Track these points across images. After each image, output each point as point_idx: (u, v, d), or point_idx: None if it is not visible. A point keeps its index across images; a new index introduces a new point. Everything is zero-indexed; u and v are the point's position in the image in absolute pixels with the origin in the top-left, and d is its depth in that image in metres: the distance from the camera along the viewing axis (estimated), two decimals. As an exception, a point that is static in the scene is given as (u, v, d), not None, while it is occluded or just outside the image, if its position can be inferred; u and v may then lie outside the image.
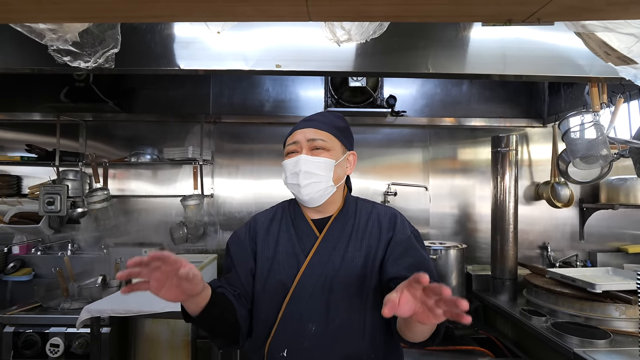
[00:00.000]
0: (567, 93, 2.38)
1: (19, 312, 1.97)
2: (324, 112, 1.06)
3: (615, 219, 2.55)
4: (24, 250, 2.57)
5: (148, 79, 2.62)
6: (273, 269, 0.97)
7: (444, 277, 2.04)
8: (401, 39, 1.38)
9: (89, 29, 0.98)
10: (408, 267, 0.91)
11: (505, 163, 2.14)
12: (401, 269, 0.91)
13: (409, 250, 0.95)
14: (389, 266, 0.94)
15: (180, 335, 1.97)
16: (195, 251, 2.62)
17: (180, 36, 1.38)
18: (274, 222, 1.04)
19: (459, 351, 1.76)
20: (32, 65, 1.35)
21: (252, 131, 2.65)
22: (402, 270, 0.91)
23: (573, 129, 2.07)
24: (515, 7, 0.61)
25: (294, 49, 1.37)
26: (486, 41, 1.39)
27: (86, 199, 2.41)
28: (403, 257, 0.94)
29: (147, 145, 2.58)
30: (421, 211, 2.61)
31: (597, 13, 0.61)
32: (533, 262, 2.49)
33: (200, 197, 2.47)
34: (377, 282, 0.95)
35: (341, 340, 0.91)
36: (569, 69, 1.38)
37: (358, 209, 1.04)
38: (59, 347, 1.88)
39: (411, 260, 0.93)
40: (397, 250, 0.95)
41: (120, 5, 0.60)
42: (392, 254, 0.95)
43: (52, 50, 1.00)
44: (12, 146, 2.63)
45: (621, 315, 1.64)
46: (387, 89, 2.54)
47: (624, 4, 0.60)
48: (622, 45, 0.84)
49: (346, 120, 1.07)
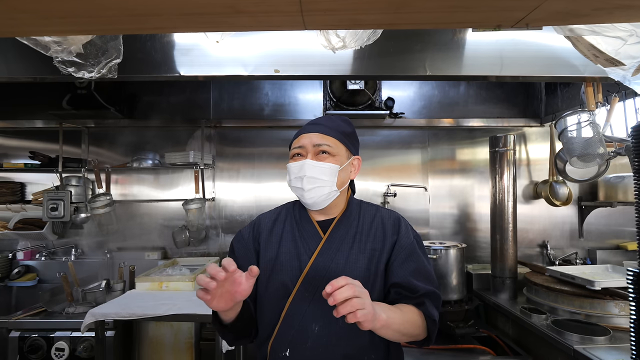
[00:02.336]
0: (563, 93, 2.39)
1: (24, 317, 1.99)
2: (331, 117, 1.08)
3: (614, 216, 2.56)
4: (29, 256, 2.59)
5: (149, 86, 2.65)
6: (276, 269, 0.98)
7: (444, 276, 2.05)
8: (397, 43, 1.40)
9: (92, 41, 1.01)
10: (412, 272, 0.96)
11: (504, 163, 2.16)
12: (406, 273, 0.95)
13: (412, 255, 0.98)
14: (394, 270, 0.97)
15: (184, 337, 1.99)
16: (197, 254, 2.64)
17: (180, 43, 1.41)
18: (278, 222, 1.06)
19: (460, 350, 1.77)
20: (34, 74, 1.38)
21: (252, 135, 2.68)
22: (407, 275, 0.95)
23: (569, 128, 2.09)
24: (504, 14, 0.63)
25: (292, 53, 1.39)
26: (482, 43, 1.41)
27: (89, 204, 2.44)
28: (407, 261, 0.97)
29: (149, 150, 2.62)
30: (421, 211, 2.62)
31: (584, 18, 0.64)
32: (533, 260, 2.50)
33: (202, 201, 2.50)
34: (381, 284, 0.97)
35: (343, 340, 0.92)
36: (564, 69, 1.40)
37: (362, 211, 1.06)
38: (64, 351, 1.90)
39: (415, 266, 0.97)
40: (402, 254, 0.98)
41: (123, 19, 0.63)
42: (397, 257, 0.98)
43: (56, 62, 1.03)
44: (16, 153, 2.66)
45: (621, 312, 1.66)
46: (385, 91, 2.57)
47: (609, 9, 0.62)
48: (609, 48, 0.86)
49: (352, 124, 1.09)
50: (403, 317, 0.89)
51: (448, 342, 1.83)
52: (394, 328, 0.84)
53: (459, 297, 2.06)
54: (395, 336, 0.89)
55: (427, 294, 0.94)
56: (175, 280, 2.08)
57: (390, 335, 0.87)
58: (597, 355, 1.38)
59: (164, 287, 2.07)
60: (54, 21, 0.65)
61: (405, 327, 0.88)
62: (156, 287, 2.07)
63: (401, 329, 0.87)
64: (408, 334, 0.90)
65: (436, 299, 0.96)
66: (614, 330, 1.55)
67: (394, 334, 0.87)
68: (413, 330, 0.91)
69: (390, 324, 0.83)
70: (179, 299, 1.89)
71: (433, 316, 0.93)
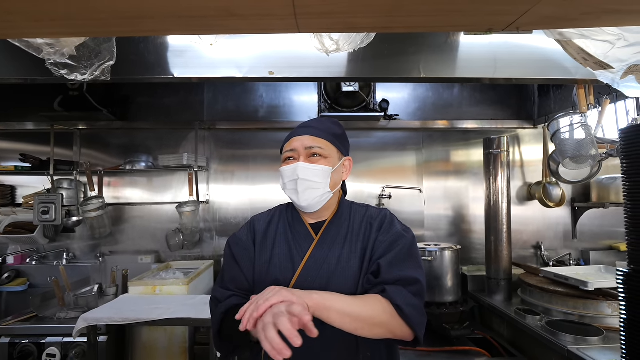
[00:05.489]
0: (556, 95, 2.42)
1: (15, 323, 1.96)
2: (320, 119, 1.08)
3: (607, 217, 2.59)
4: (19, 260, 2.55)
5: (142, 87, 2.63)
6: (270, 272, 0.98)
7: (439, 278, 2.06)
8: (391, 45, 1.41)
9: (85, 43, 1.00)
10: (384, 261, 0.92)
11: (498, 164, 2.18)
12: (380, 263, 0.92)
13: (392, 246, 0.95)
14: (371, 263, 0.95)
15: (178, 342, 1.97)
16: (191, 258, 2.62)
17: (174, 45, 1.40)
18: (272, 225, 1.06)
19: (455, 352, 1.77)
20: (25, 76, 1.36)
21: (247, 137, 2.67)
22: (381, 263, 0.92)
23: (562, 129, 2.12)
24: (495, 18, 0.64)
25: (286, 55, 1.40)
26: (476, 46, 1.43)
27: (81, 207, 2.41)
28: (386, 253, 0.95)
29: (142, 152, 2.59)
30: (416, 213, 2.63)
31: (572, 22, 0.64)
32: (527, 261, 2.52)
33: (196, 204, 2.48)
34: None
35: (338, 341, 0.92)
36: (556, 71, 1.42)
37: (352, 212, 1.06)
38: (56, 357, 1.86)
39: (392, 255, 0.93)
40: (381, 247, 0.96)
41: (116, 21, 0.62)
42: (377, 251, 0.96)
43: (49, 64, 1.02)
44: (6, 156, 2.62)
45: (614, 312, 1.67)
46: (380, 93, 2.58)
47: (597, 13, 0.63)
48: (598, 52, 0.88)
49: (342, 126, 1.09)
50: (351, 300, 0.85)
51: (443, 344, 1.83)
52: (335, 309, 0.82)
53: (454, 299, 2.07)
54: (347, 323, 0.83)
55: (394, 281, 0.88)
56: (169, 284, 2.06)
57: (340, 322, 0.83)
58: (590, 356, 1.39)
59: (157, 291, 2.05)
60: (45, 23, 0.64)
61: (355, 311, 0.84)
62: (150, 291, 2.05)
63: (349, 311, 0.83)
64: (369, 322, 0.85)
65: (409, 283, 0.89)
66: (607, 330, 1.57)
67: (342, 319, 0.83)
68: (371, 317, 0.85)
69: (327, 305, 0.81)
70: (173, 303, 1.87)
71: (395, 300, 0.85)
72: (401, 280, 0.89)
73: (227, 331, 0.92)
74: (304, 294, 0.82)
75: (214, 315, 0.96)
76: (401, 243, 0.96)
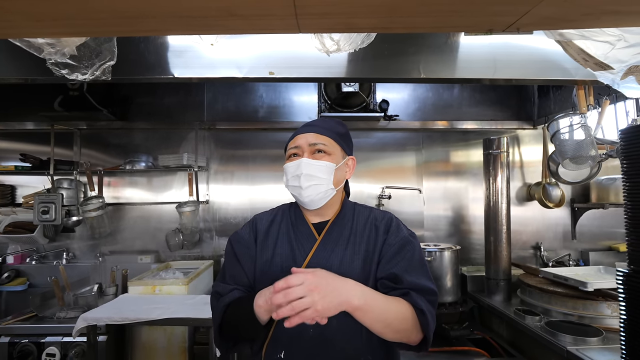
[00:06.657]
0: (556, 95, 2.42)
1: (14, 322, 1.96)
2: (324, 118, 1.09)
3: (606, 218, 2.59)
4: (19, 260, 2.55)
5: (142, 87, 2.63)
6: (271, 271, 0.98)
7: (439, 278, 2.06)
8: (392, 45, 1.41)
9: (86, 43, 1.00)
10: (399, 267, 0.93)
11: (497, 165, 2.18)
12: (393, 268, 0.93)
13: (401, 251, 0.97)
14: (382, 266, 0.96)
15: (177, 342, 1.97)
16: (191, 257, 2.62)
17: (174, 45, 1.40)
18: (274, 224, 1.06)
19: (454, 352, 1.78)
20: (25, 75, 1.36)
21: (247, 137, 2.67)
22: (393, 268, 0.93)
23: (562, 130, 2.12)
24: (495, 18, 0.64)
25: (286, 56, 1.40)
26: (476, 46, 1.43)
27: (81, 207, 2.41)
28: (395, 257, 0.96)
29: (142, 152, 2.59)
30: (415, 214, 2.64)
31: (573, 23, 0.65)
32: (526, 262, 2.52)
33: (196, 204, 2.48)
34: (374, 285, 0.97)
35: (339, 342, 0.92)
36: (556, 72, 1.42)
37: (356, 213, 1.06)
38: (55, 356, 1.86)
39: (403, 261, 0.95)
40: (390, 251, 0.97)
41: (116, 21, 0.63)
42: (385, 255, 0.97)
43: (50, 64, 1.02)
44: (6, 155, 2.62)
45: (613, 312, 1.67)
46: (380, 93, 2.58)
47: (597, 14, 0.63)
48: (598, 52, 0.88)
49: (346, 126, 1.10)
50: (387, 303, 0.86)
51: (443, 344, 1.83)
52: (375, 313, 0.83)
53: (453, 299, 2.07)
54: (378, 326, 0.85)
55: (415, 288, 0.90)
56: (168, 283, 2.06)
57: (372, 324, 0.84)
58: (589, 356, 1.39)
59: (157, 291, 2.05)
60: (46, 23, 0.64)
61: (390, 316, 0.85)
62: (149, 290, 2.05)
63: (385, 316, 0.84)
64: (395, 327, 0.86)
65: (428, 293, 0.91)
66: (607, 331, 1.57)
67: (376, 323, 0.84)
68: (399, 322, 0.86)
69: (369, 309, 0.82)
70: (173, 302, 1.87)
71: (419, 305, 0.87)
72: (420, 289, 0.91)
73: (232, 322, 0.92)
74: (348, 292, 0.81)
75: (216, 309, 0.95)
76: (410, 249, 0.97)
